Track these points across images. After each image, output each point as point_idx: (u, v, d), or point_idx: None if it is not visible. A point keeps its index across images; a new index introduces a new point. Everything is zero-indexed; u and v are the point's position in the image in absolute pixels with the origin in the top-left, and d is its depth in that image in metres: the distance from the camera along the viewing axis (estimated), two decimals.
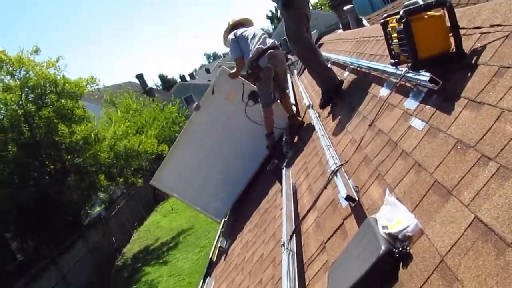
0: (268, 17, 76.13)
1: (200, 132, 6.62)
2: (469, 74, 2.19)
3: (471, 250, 1.42)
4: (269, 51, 5.60)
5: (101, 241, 19.36)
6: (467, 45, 2.37)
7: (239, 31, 5.82)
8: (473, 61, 2.23)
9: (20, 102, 16.94)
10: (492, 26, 2.24)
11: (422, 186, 1.98)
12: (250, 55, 5.60)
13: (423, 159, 2.12)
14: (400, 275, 1.68)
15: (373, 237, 1.86)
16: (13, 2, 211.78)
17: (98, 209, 23.31)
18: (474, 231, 1.46)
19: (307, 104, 6.23)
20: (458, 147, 1.90)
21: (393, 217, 1.91)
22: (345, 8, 11.96)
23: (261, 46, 5.62)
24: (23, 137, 16.91)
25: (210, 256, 6.26)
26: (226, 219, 6.97)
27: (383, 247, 1.74)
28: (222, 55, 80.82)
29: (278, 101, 6.21)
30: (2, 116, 17.03)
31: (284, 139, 6.14)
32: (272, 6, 66.45)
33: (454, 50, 2.40)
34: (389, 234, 1.82)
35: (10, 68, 16.90)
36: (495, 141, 1.68)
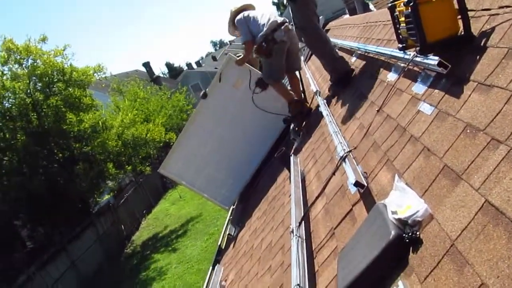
0: (273, 3, 75.61)
1: (208, 120, 6.62)
2: (478, 57, 2.16)
3: (481, 234, 1.41)
4: (285, 23, 5.50)
5: (110, 229, 19.51)
6: (476, 28, 2.34)
7: (246, 13, 5.72)
8: (482, 44, 2.20)
9: (28, 91, 17.00)
10: (501, 7, 2.21)
11: (431, 171, 1.97)
12: (265, 29, 5.45)
13: (432, 144, 2.11)
14: (410, 260, 1.67)
15: (383, 222, 1.86)
16: None
17: (106, 197, 23.46)
18: (485, 215, 1.46)
19: (314, 90, 6.19)
20: (468, 130, 1.88)
21: (403, 202, 1.90)
22: None
23: (275, 20, 5.52)
24: (31, 126, 16.99)
25: (219, 244, 6.30)
26: (234, 207, 6.99)
27: (393, 232, 1.74)
28: (228, 43, 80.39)
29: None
30: (10, 105, 17.12)
31: (291, 126, 6.13)
32: None
33: (462, 33, 2.37)
34: (399, 220, 1.82)
35: (18, 57, 16.91)
36: (505, 124, 1.66)
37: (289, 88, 6.34)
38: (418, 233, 1.72)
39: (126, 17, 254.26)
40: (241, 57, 6.11)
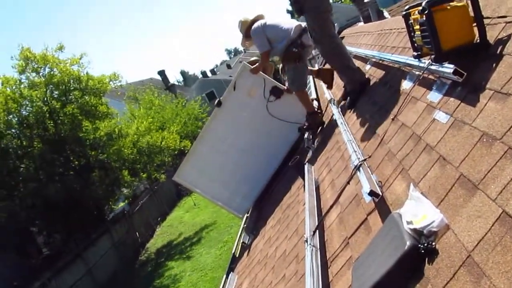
0: (288, 11, 75.75)
1: (222, 128, 6.63)
2: (494, 65, 2.14)
3: (499, 245, 1.39)
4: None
5: (125, 236, 19.62)
6: (492, 35, 2.32)
7: (262, 21, 5.64)
8: (498, 52, 2.17)
9: (45, 99, 17.27)
10: None
11: (447, 180, 1.94)
12: (292, 33, 5.39)
13: (448, 153, 2.08)
14: (426, 271, 1.65)
15: (398, 232, 1.84)
16: (38, 1, 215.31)
17: (121, 204, 23.61)
18: (502, 226, 1.43)
19: (328, 98, 6.18)
20: (484, 139, 1.86)
21: (418, 212, 1.88)
22: (366, 0, 11.84)
23: (300, 23, 5.44)
24: (48, 133, 17.24)
25: (233, 251, 6.29)
26: (248, 215, 6.98)
27: (408, 243, 1.72)
28: (243, 51, 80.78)
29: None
30: (28, 113, 17.40)
31: (306, 135, 6.11)
32: None
33: (478, 40, 2.35)
34: (414, 230, 1.80)
35: (35, 65, 17.21)
36: None
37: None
38: (434, 243, 1.70)
39: (142, 25, 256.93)
40: (256, 65, 6.11)
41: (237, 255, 6.06)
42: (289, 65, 5.63)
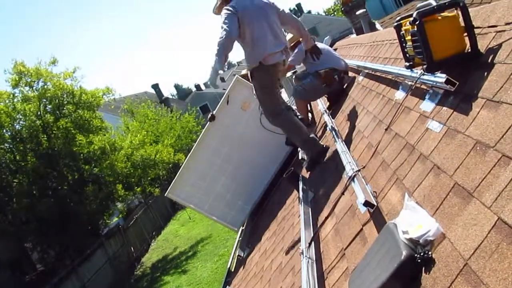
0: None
1: (216, 142, 6.61)
2: (485, 73, 2.15)
3: (495, 253, 1.38)
4: None
5: (120, 251, 19.47)
6: (483, 44, 2.33)
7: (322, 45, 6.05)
8: (489, 60, 2.19)
9: (39, 113, 17.24)
10: (507, 24, 2.20)
11: (442, 189, 1.94)
12: (343, 63, 6.08)
13: (442, 162, 2.09)
14: (423, 281, 1.64)
15: (394, 242, 1.83)
16: (31, 15, 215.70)
17: (116, 219, 23.47)
18: (498, 233, 1.43)
19: (322, 110, 6.20)
20: (478, 148, 1.86)
21: (413, 221, 1.88)
22: (357, 12, 11.92)
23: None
24: (41, 148, 17.18)
25: (228, 265, 6.25)
26: (243, 228, 6.95)
27: (404, 253, 1.71)
28: (236, 64, 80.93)
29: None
30: (21, 127, 17.36)
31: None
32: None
33: (469, 50, 2.37)
34: (410, 239, 1.79)
35: (29, 80, 17.23)
36: None
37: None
38: (430, 252, 1.69)
39: (135, 39, 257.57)
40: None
41: (232, 269, 6.02)
42: (312, 82, 6.03)
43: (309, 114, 6.71)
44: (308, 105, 6.85)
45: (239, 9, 4.40)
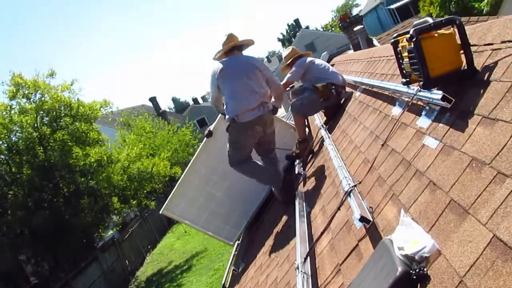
0: (279, 39, 76.73)
1: (211, 157, 6.58)
2: (481, 91, 2.17)
3: (491, 270, 1.38)
4: None
5: (114, 264, 19.33)
6: (479, 62, 2.35)
7: (311, 58, 6.28)
8: (485, 78, 2.21)
9: (35, 125, 17.22)
10: (503, 42, 2.22)
11: (437, 206, 1.95)
12: (340, 78, 6.02)
13: (438, 178, 2.09)
14: None
15: (389, 258, 1.83)
16: (30, 27, 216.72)
17: (111, 231, 23.33)
18: (493, 250, 1.43)
19: (319, 125, 6.21)
20: (473, 164, 1.87)
21: (409, 237, 1.88)
22: (355, 28, 12.03)
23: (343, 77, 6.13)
24: (37, 160, 17.12)
25: (223, 281, 6.20)
26: (239, 242, 6.91)
27: (399, 269, 1.71)
28: None
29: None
30: (17, 139, 17.33)
31: (296, 161, 6.11)
32: (283, 28, 67.01)
33: (465, 67, 2.39)
34: (406, 255, 1.79)
35: (26, 91, 17.24)
36: (511, 158, 1.65)
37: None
38: (425, 269, 1.69)
39: (133, 52, 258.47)
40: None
41: (227, 284, 5.97)
42: (311, 96, 6.03)
43: (306, 129, 6.72)
44: (306, 120, 6.85)
45: (218, 71, 4.90)
